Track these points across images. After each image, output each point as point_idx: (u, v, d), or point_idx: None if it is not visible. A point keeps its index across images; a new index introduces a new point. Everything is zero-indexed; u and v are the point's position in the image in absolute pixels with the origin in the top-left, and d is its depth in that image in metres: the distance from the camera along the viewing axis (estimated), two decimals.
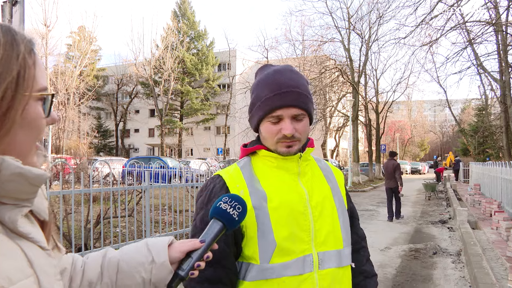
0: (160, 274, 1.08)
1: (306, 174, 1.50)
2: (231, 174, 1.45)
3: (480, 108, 34.67)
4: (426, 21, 18.27)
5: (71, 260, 1.10)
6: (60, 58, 44.98)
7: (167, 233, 7.40)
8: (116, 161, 20.62)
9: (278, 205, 1.38)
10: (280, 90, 1.40)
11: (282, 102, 1.39)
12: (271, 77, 1.44)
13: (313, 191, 1.46)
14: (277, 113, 1.39)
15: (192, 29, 53.33)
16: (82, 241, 5.47)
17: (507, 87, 20.56)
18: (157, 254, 1.09)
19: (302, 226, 1.39)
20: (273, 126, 1.42)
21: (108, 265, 1.09)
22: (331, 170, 1.63)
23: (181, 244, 1.12)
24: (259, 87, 1.45)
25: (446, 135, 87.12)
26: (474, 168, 21.37)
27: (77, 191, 5.47)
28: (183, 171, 10.18)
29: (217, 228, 1.16)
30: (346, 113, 36.43)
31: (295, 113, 1.40)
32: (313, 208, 1.43)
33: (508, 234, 8.22)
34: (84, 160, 15.42)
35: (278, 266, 1.34)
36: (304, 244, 1.38)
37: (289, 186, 1.44)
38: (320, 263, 1.39)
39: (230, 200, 1.19)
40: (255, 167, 1.49)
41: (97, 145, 56.49)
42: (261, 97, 1.43)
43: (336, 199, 1.52)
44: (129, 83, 56.86)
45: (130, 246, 1.14)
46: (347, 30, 31.87)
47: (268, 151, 1.46)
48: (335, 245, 1.44)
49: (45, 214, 0.93)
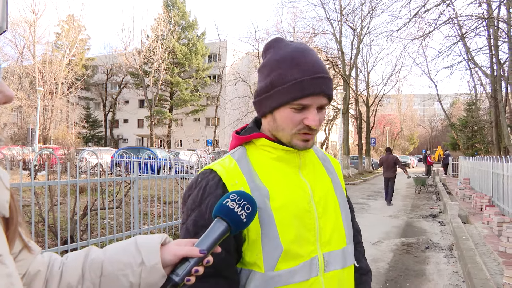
0: (150, 278, 0.92)
1: (307, 166, 1.32)
2: (228, 169, 1.24)
3: (469, 103, 34.80)
4: (419, 14, 18.22)
5: (47, 261, 0.93)
6: (48, 47, 44.49)
7: (155, 225, 7.27)
8: (105, 152, 20.36)
9: (283, 204, 1.19)
10: (315, 75, 1.19)
11: (315, 89, 1.18)
12: (300, 56, 1.21)
13: (316, 185, 1.30)
14: (306, 101, 1.19)
15: (183, 19, 52.92)
16: (68, 233, 5.31)
17: (498, 82, 20.61)
18: (147, 255, 0.93)
19: (307, 226, 1.22)
20: (296, 115, 1.21)
21: (90, 267, 0.92)
22: (329, 160, 1.47)
23: (176, 248, 0.96)
24: (284, 65, 1.21)
25: (435, 129, 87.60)
26: (464, 162, 21.45)
27: (63, 182, 5.30)
28: (172, 162, 10.02)
29: (220, 229, 1.00)
30: (337, 105, 36.41)
31: (323, 103, 1.22)
32: (317, 204, 1.26)
33: (500, 229, 8.18)
34: (72, 150, 15.18)
35: (285, 272, 1.17)
36: (311, 245, 1.22)
37: (291, 180, 1.25)
38: (326, 265, 1.24)
39: (238, 198, 1.03)
40: (251, 159, 1.28)
41: (86, 135, 55.96)
42: (288, 78, 1.19)
43: (338, 192, 1.37)
44: (119, 73, 56.33)
45: (116, 245, 0.98)
46: (339, 23, 31.79)
47: (269, 140, 1.27)
48: (339, 243, 1.29)
49: (3, 210, 0.76)
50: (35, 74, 40.72)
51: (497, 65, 20.53)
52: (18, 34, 42.62)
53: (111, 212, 7.37)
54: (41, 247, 5.68)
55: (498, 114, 21.33)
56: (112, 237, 6.10)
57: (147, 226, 7.18)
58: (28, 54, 43.94)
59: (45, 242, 5.04)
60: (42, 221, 6.22)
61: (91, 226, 6.91)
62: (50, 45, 45.45)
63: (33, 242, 0.90)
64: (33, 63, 42.07)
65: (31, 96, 41.93)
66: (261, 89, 1.26)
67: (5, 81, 5.97)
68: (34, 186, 4.85)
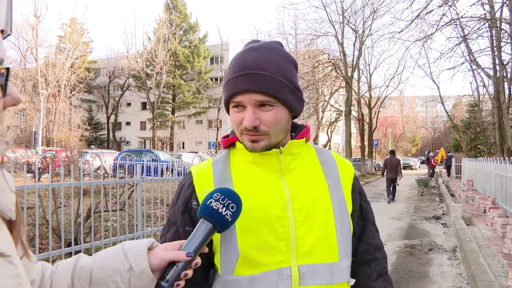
0: (139, 283, 0.92)
1: (292, 170, 1.25)
2: (200, 171, 1.26)
3: (472, 104, 34.76)
4: (421, 16, 18.21)
5: (40, 270, 0.94)
6: (51, 50, 44.60)
7: (159, 227, 7.26)
8: (108, 154, 20.37)
9: (247, 209, 1.14)
10: (240, 72, 1.15)
11: (240, 87, 1.15)
12: (240, 55, 1.20)
13: (299, 191, 1.21)
14: (238, 99, 1.16)
15: (184, 21, 52.96)
16: (72, 235, 5.32)
17: (501, 83, 20.57)
18: (135, 261, 0.93)
19: (278, 234, 1.16)
20: (237, 115, 1.18)
21: (79, 274, 0.93)
22: (336, 163, 1.34)
23: (163, 252, 0.96)
24: (228, 67, 1.23)
25: (437, 131, 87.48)
26: (467, 164, 21.39)
27: (66, 184, 5.30)
28: (175, 164, 10.01)
29: (206, 231, 1.00)
30: (339, 107, 36.40)
31: (259, 100, 1.14)
32: (296, 212, 1.18)
33: (504, 231, 8.16)
34: (75, 152, 15.20)
35: (244, 279, 1.15)
36: (280, 255, 1.15)
37: (266, 185, 1.20)
38: (302, 278, 1.16)
39: (222, 198, 1.02)
40: (232, 162, 1.27)
41: (88, 138, 56.00)
42: (225, 77, 1.21)
43: (335, 199, 1.24)
44: (121, 75, 56.40)
45: (104, 252, 0.98)
46: (341, 24, 31.82)
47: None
48: (325, 257, 1.19)
49: (10, 213, 0.76)
50: (38, 77, 40.81)
51: (499, 66, 20.49)
52: (21, 37, 42.81)
53: (114, 215, 7.37)
54: (45, 249, 5.68)
55: (501, 115, 21.29)
56: (115, 239, 6.10)
57: (150, 228, 7.17)
58: (31, 57, 44.13)
59: (49, 244, 5.04)
60: (46, 223, 6.23)
61: (95, 228, 6.92)
62: (52, 48, 45.62)
63: (31, 252, 0.90)
64: (36, 66, 42.17)
65: (34, 99, 42.04)
66: None
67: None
68: (38, 189, 4.86)
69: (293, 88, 1.20)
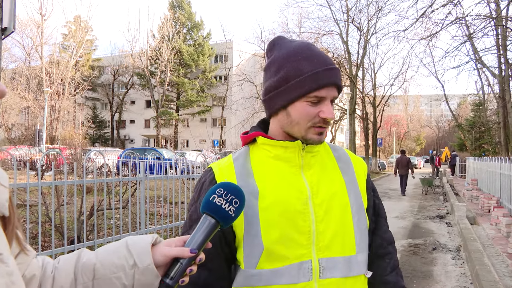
0: (144, 279, 0.91)
1: (312, 166, 1.28)
2: (222, 167, 1.28)
3: (477, 103, 34.62)
4: (426, 14, 18.13)
5: (40, 264, 0.93)
6: (55, 48, 44.68)
7: (162, 225, 7.26)
8: (111, 152, 20.41)
9: (271, 203, 1.19)
10: (328, 66, 1.20)
11: (330, 80, 1.20)
12: (307, 49, 1.23)
13: (319, 187, 1.25)
14: (321, 93, 1.19)
15: (188, 20, 53.00)
16: (75, 233, 5.32)
17: (506, 82, 20.46)
18: (139, 257, 0.92)
19: (299, 228, 1.19)
20: (311, 108, 1.21)
21: (82, 270, 0.91)
22: (351, 160, 1.39)
23: (166, 248, 0.95)
24: (295, 60, 1.21)
25: (442, 130, 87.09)
26: (471, 163, 21.31)
27: (70, 182, 5.30)
28: (178, 162, 10.03)
29: (209, 226, 0.99)
30: (343, 106, 36.32)
31: (335, 95, 1.23)
32: (317, 207, 1.22)
33: (509, 231, 8.13)
34: (79, 150, 15.24)
35: (266, 272, 1.17)
36: (302, 248, 1.19)
37: (288, 181, 1.24)
38: (322, 271, 1.19)
39: (225, 193, 1.02)
40: (252, 158, 1.30)
41: (93, 136, 56.16)
42: (302, 71, 1.19)
43: (352, 195, 1.29)
44: (125, 73, 56.53)
45: (107, 247, 0.97)
46: (346, 23, 31.76)
47: (267, 138, 1.27)
48: (343, 250, 1.23)
49: (4, 209, 0.75)
50: (42, 75, 40.92)
51: (505, 65, 20.38)
52: (25, 35, 42.95)
53: (117, 212, 7.38)
54: (48, 247, 5.69)
55: (506, 114, 21.18)
56: (118, 237, 6.09)
57: (154, 227, 7.17)
58: (35, 55, 44.28)
59: (52, 242, 5.04)
60: (49, 221, 6.24)
61: (98, 226, 6.93)
62: (57, 46, 45.68)
63: (29, 246, 0.89)
64: (41, 64, 42.29)
65: (39, 96, 42.17)
66: (271, 86, 1.26)
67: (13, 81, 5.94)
68: (41, 186, 4.86)
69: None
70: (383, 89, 40.12)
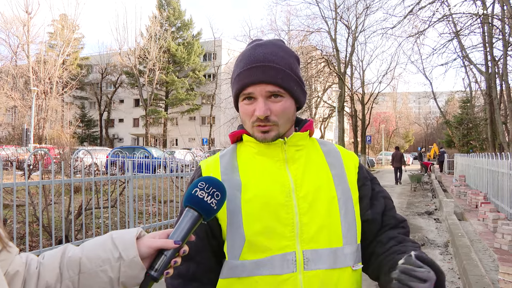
0: (130, 272, 0.93)
1: (297, 160, 1.30)
2: (208, 164, 1.34)
3: (464, 100, 34.92)
4: (414, 12, 18.25)
5: (24, 261, 0.93)
6: (42, 47, 44.25)
7: (151, 224, 7.24)
8: (100, 151, 20.30)
9: (253, 196, 1.22)
10: (252, 64, 1.23)
11: (253, 78, 1.22)
12: (248, 51, 1.27)
13: (304, 180, 1.27)
14: (248, 90, 1.23)
15: (178, 18, 52.76)
16: (63, 233, 5.29)
17: (493, 79, 20.64)
18: (124, 249, 0.93)
19: (282, 220, 1.21)
20: (247, 107, 1.25)
21: (68, 264, 0.92)
22: (340, 155, 1.39)
23: (151, 240, 0.97)
24: (236, 63, 1.30)
25: (430, 127, 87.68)
26: (459, 160, 21.50)
27: (57, 181, 5.27)
28: (167, 161, 9.99)
29: (192, 219, 1.02)
30: (332, 103, 36.44)
31: (270, 90, 1.22)
32: (301, 199, 1.23)
33: (495, 226, 8.20)
34: (67, 150, 15.13)
35: (249, 263, 1.19)
36: (285, 240, 1.20)
37: (271, 174, 1.26)
38: (306, 262, 1.20)
39: (207, 187, 1.05)
40: (239, 155, 1.34)
41: (81, 135, 55.77)
42: (234, 73, 1.29)
43: (340, 188, 1.29)
44: (114, 72, 56.11)
45: (93, 241, 0.98)
46: (334, 20, 31.82)
47: (249, 135, 1.30)
48: (329, 242, 1.23)
49: None
50: (29, 74, 40.55)
51: (491, 62, 20.56)
52: (11, 33, 42.49)
53: (106, 211, 7.34)
54: (36, 247, 5.65)
55: (493, 111, 21.38)
56: None
57: (143, 225, 7.15)
58: (22, 54, 43.85)
59: (39, 242, 5.01)
60: (36, 221, 6.19)
61: (86, 225, 6.89)
62: (44, 44, 45.26)
63: (12, 243, 0.90)
64: (27, 62, 41.88)
65: (26, 96, 41.78)
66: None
67: None
68: (28, 186, 4.82)
69: (298, 80, 1.29)
70: (372, 87, 40.36)
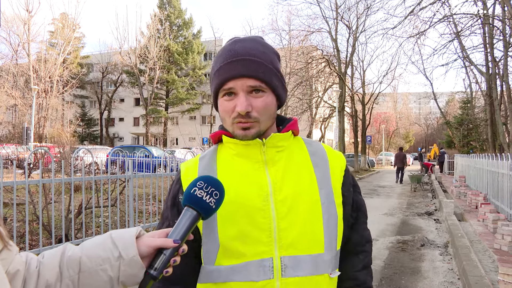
0: (129, 271, 0.93)
1: (277, 162, 1.24)
2: (187, 166, 1.31)
3: (465, 101, 34.92)
4: (414, 12, 18.23)
5: (24, 260, 0.93)
6: (42, 46, 44.23)
7: (151, 223, 7.24)
8: (100, 150, 20.30)
9: (229, 200, 1.16)
10: (232, 58, 1.17)
11: (233, 72, 1.16)
12: (228, 46, 1.22)
13: (284, 183, 1.21)
14: (229, 85, 1.17)
15: (178, 17, 52.76)
16: (63, 231, 5.29)
17: (493, 80, 20.63)
18: (124, 249, 0.94)
19: (259, 225, 1.16)
20: (227, 103, 1.19)
21: (68, 264, 0.93)
22: (326, 155, 1.32)
23: (150, 239, 0.98)
24: (215, 59, 1.25)
25: (430, 127, 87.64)
26: (459, 160, 21.48)
27: (57, 180, 5.26)
28: (168, 160, 9.98)
29: (191, 218, 1.02)
30: (332, 104, 36.41)
31: (251, 85, 1.16)
32: (279, 203, 1.18)
33: (495, 226, 8.20)
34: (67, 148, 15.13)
35: (225, 268, 1.17)
36: (262, 245, 1.16)
37: (249, 177, 1.22)
38: (284, 269, 1.15)
39: (206, 186, 1.04)
40: (219, 156, 1.29)
41: (81, 134, 55.77)
42: (213, 69, 1.23)
43: (323, 191, 1.23)
44: (114, 71, 56.16)
45: (92, 240, 0.99)
46: (335, 21, 31.77)
47: (228, 136, 1.25)
48: (310, 248, 1.18)
49: None
50: (30, 72, 40.51)
51: (492, 63, 20.55)
52: (12, 32, 42.46)
53: (106, 210, 7.34)
54: (36, 245, 5.65)
55: (493, 112, 21.37)
56: None
57: (142, 224, 7.15)
58: (22, 53, 43.80)
59: (39, 240, 5.00)
60: (36, 219, 6.19)
61: (86, 224, 6.89)
62: (44, 43, 45.24)
63: (12, 242, 0.90)
64: (28, 61, 41.86)
65: (26, 94, 41.78)
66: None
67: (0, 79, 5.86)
68: (28, 185, 4.82)
69: (280, 76, 1.24)
70: (372, 87, 40.36)
